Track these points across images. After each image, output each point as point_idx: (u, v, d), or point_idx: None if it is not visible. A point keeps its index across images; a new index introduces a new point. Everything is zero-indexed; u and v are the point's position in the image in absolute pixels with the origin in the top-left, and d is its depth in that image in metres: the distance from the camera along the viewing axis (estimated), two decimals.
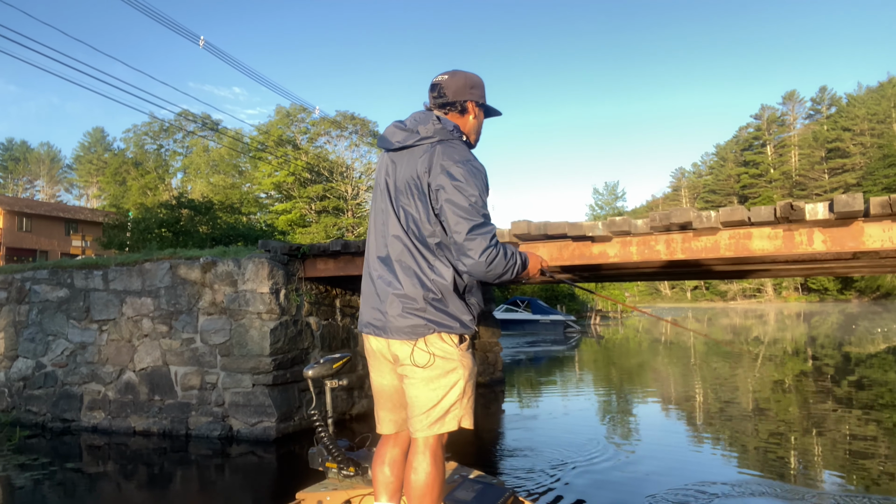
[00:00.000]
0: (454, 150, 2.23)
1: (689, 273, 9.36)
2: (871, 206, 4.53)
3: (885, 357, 16.10)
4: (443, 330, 2.23)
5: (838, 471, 6.05)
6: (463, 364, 2.27)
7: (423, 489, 2.23)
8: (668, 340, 24.21)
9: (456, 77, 2.38)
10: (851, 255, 5.42)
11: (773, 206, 4.90)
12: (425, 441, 2.26)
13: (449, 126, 2.29)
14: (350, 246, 7.01)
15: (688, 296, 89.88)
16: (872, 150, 78.52)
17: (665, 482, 5.44)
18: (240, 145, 42.08)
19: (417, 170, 2.23)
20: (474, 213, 2.14)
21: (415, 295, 2.23)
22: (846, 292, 73.47)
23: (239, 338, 7.38)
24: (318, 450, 3.27)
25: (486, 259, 2.12)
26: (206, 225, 15.37)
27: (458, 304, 2.26)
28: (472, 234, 2.12)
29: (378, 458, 2.48)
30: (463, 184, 2.15)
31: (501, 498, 2.96)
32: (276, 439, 7.15)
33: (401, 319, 2.24)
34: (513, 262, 2.21)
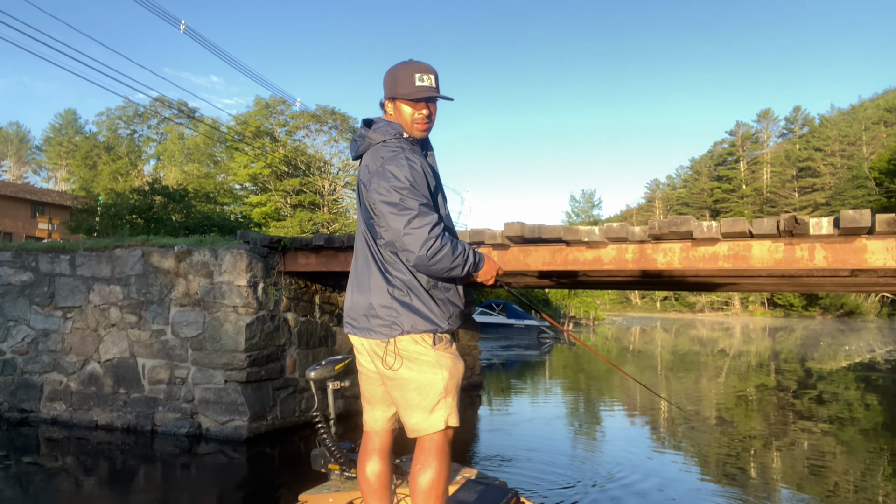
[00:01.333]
0: (385, 150, 2.25)
1: (660, 283, 9.31)
2: (877, 222, 4.43)
3: (846, 374, 16.27)
4: (412, 331, 2.23)
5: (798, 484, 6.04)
6: (441, 363, 2.26)
7: (428, 488, 2.23)
8: (635, 349, 24.42)
9: (385, 75, 2.37)
10: (849, 273, 5.34)
11: (776, 218, 4.79)
12: (431, 440, 2.26)
13: (380, 126, 2.33)
14: (334, 240, 6.75)
15: (657, 306, 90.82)
16: (842, 171, 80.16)
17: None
18: (216, 134, 41.34)
19: (360, 176, 2.33)
20: (406, 206, 2.12)
21: (382, 293, 2.26)
22: (811, 309, 74.80)
23: (212, 332, 7.07)
24: (320, 451, 3.27)
25: (428, 252, 2.09)
26: (180, 213, 14.93)
27: (425, 300, 2.26)
28: (408, 227, 2.10)
29: (361, 462, 2.49)
30: (391, 180, 2.14)
31: (504, 499, 2.93)
32: (247, 439, 6.85)
33: (373, 320, 2.28)
34: (462, 258, 2.18)
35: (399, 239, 2.13)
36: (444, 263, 2.15)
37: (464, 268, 2.22)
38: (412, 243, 2.10)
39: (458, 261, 2.18)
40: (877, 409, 10.80)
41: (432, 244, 2.10)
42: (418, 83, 2.28)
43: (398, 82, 2.31)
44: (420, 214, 2.12)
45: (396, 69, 2.33)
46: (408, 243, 2.11)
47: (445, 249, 2.14)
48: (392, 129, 2.32)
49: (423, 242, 2.09)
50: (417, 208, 2.13)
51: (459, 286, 2.40)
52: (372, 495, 2.47)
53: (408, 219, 2.11)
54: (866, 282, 6.51)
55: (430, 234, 2.10)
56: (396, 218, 2.13)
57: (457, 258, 2.18)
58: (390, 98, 2.35)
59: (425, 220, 2.12)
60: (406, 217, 2.11)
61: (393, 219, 2.14)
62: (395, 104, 2.34)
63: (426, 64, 2.33)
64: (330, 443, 3.23)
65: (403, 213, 2.12)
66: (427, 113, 2.33)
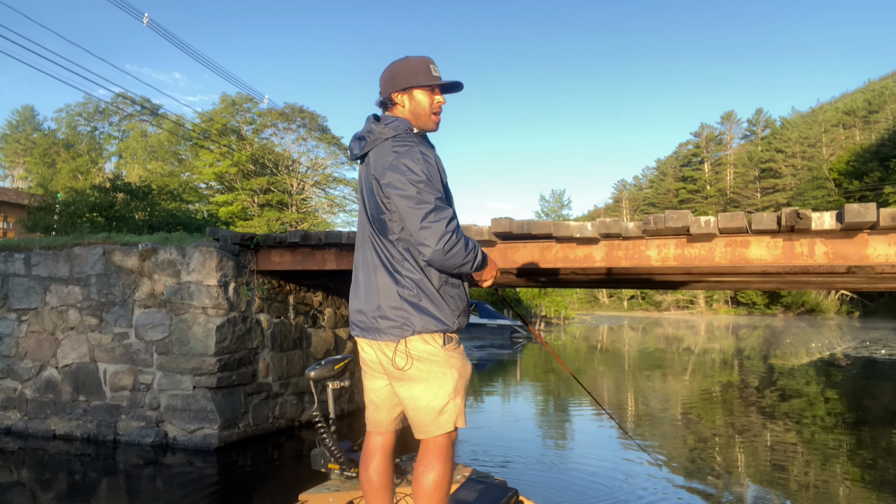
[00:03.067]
0: (398, 144, 2.22)
1: (647, 282, 9.22)
2: (881, 217, 4.28)
3: (808, 370, 16.46)
4: (422, 331, 2.22)
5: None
6: (450, 364, 2.26)
7: (432, 489, 2.23)
8: (603, 348, 24.55)
9: (383, 73, 2.36)
10: (846, 270, 5.20)
11: (777, 213, 4.62)
12: (435, 441, 2.26)
13: (389, 121, 2.30)
14: (310, 238, 6.41)
15: (624, 305, 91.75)
16: (803, 172, 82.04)
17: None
18: (181, 131, 40.34)
19: (373, 172, 2.26)
20: (423, 200, 2.11)
21: (391, 294, 2.24)
22: (773, 307, 76.30)
23: (180, 334, 6.66)
24: (320, 451, 3.28)
25: (444, 246, 2.09)
26: (143, 211, 14.33)
27: (436, 299, 2.25)
28: (425, 221, 2.09)
29: (364, 462, 2.47)
30: (407, 174, 2.13)
31: (504, 498, 2.94)
32: (217, 448, 6.46)
33: (381, 320, 2.26)
34: (473, 255, 2.19)
35: (416, 233, 2.12)
36: (457, 259, 2.14)
37: (473, 264, 2.21)
38: (429, 237, 2.09)
39: (469, 256, 2.18)
40: (837, 404, 10.86)
41: (448, 238, 2.09)
42: (434, 73, 2.32)
43: (415, 72, 2.31)
44: (436, 209, 2.11)
45: (409, 61, 2.33)
46: (424, 237, 2.09)
47: (460, 244, 2.13)
48: (402, 124, 2.30)
49: (441, 236, 2.08)
50: (434, 202, 2.12)
51: (465, 284, 2.39)
52: (374, 495, 2.45)
53: (425, 212, 2.10)
54: (850, 281, 6.42)
55: (446, 229, 2.10)
56: (413, 212, 2.11)
57: (469, 254, 2.17)
58: (404, 89, 2.32)
59: (441, 214, 2.11)
60: (423, 211, 2.10)
61: (410, 212, 2.12)
62: (411, 95, 2.32)
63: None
64: (330, 442, 3.23)
65: (420, 206, 2.10)
66: (443, 102, 2.36)
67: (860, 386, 13.07)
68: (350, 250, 6.45)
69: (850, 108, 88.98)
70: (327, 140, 41.47)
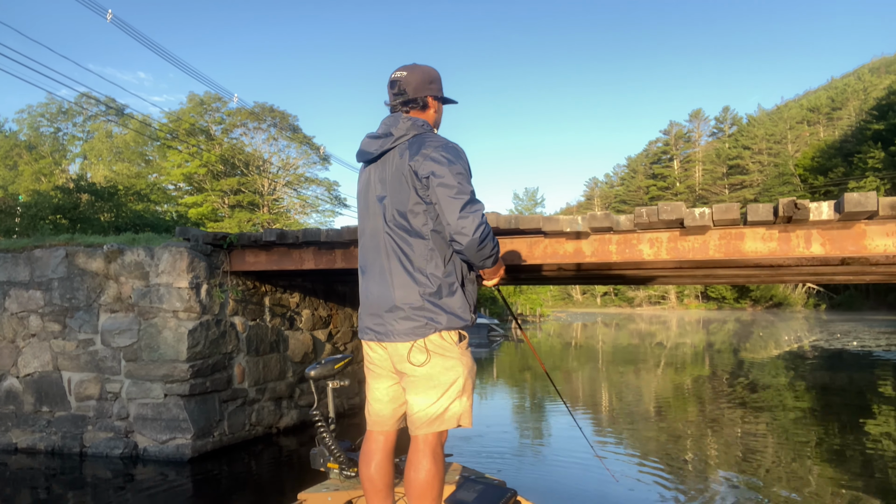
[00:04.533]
0: (433, 139, 2.29)
1: (633, 278, 9.14)
2: (881, 206, 4.16)
3: (777, 362, 16.61)
4: (442, 328, 2.24)
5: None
6: (462, 362, 2.29)
7: (423, 487, 2.23)
8: (577, 344, 24.64)
9: (414, 73, 2.41)
10: (840, 261, 5.10)
11: (773, 203, 4.48)
12: (425, 439, 2.26)
13: (419, 122, 2.35)
14: (287, 236, 6.13)
15: (598, 301, 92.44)
16: (769, 168, 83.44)
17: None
18: (148, 131, 39.42)
19: (404, 164, 2.26)
20: (464, 191, 2.16)
21: (411, 294, 2.25)
22: (742, 301, 77.47)
23: (149, 340, 6.33)
24: (319, 450, 3.28)
25: (480, 235, 2.14)
26: (109, 213, 13.82)
27: (456, 295, 2.28)
28: (464, 211, 2.13)
29: (364, 461, 2.46)
30: (449, 165, 2.18)
31: (503, 498, 2.93)
32: (191, 459, 6.15)
33: (403, 322, 2.25)
34: (497, 249, 2.26)
35: (454, 222, 2.14)
36: (487, 250, 2.20)
37: (495, 258, 2.27)
38: (468, 226, 2.12)
39: (494, 249, 2.24)
40: (804, 396, 10.92)
41: (483, 228, 2.15)
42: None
43: (440, 85, 2.47)
44: (474, 200, 2.18)
45: (435, 72, 2.47)
46: (463, 226, 2.13)
47: (490, 236, 2.20)
48: (427, 123, 2.39)
49: (478, 226, 2.13)
50: (472, 193, 2.19)
51: (476, 280, 2.44)
52: (376, 495, 2.44)
53: (464, 202, 2.14)
54: (843, 272, 6.34)
55: (482, 219, 2.16)
56: (454, 201, 2.15)
57: (495, 246, 2.25)
58: (438, 98, 2.45)
59: (477, 205, 2.18)
60: (463, 200, 2.14)
61: (450, 202, 2.15)
62: (439, 105, 2.48)
63: None
64: (329, 441, 3.23)
65: (461, 196, 2.15)
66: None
67: (840, 377, 13.16)
68: (329, 249, 6.19)
69: (814, 105, 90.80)
70: (299, 140, 40.95)
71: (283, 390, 7.52)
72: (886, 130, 51.45)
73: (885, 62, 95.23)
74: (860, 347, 19.69)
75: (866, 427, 8.07)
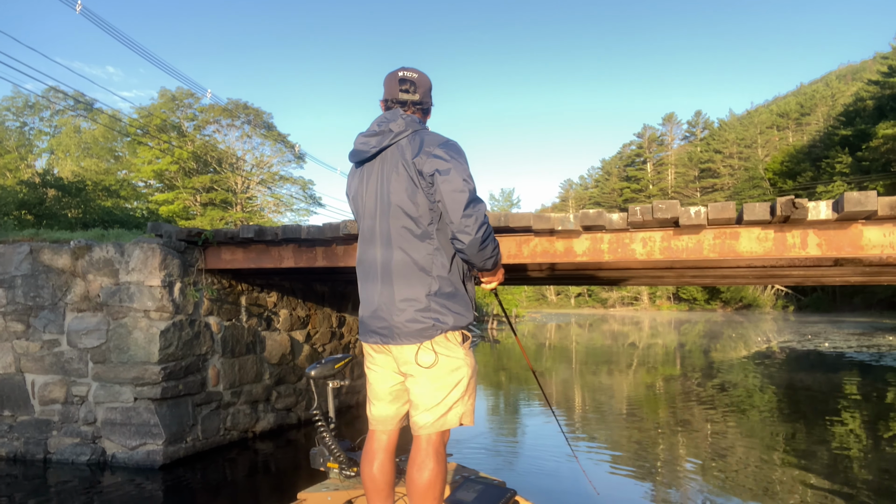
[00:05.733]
0: (433, 136, 2.26)
1: (581, 278, 9.13)
2: (880, 206, 4.08)
3: (747, 362, 16.75)
4: (448, 329, 2.22)
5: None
6: (466, 362, 2.28)
7: (426, 486, 2.22)
8: (551, 345, 24.71)
9: (423, 78, 2.40)
10: (833, 262, 5.03)
11: (769, 202, 4.38)
12: (428, 439, 2.26)
13: (416, 119, 2.34)
14: (265, 233, 5.88)
15: (571, 302, 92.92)
16: (740, 172, 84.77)
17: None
18: (118, 126, 38.53)
19: (405, 161, 2.23)
20: (468, 188, 2.14)
21: (416, 295, 2.22)
22: (712, 302, 78.47)
23: (119, 341, 6.03)
24: (319, 450, 3.29)
25: (482, 235, 2.13)
26: (77, 209, 13.36)
27: (459, 294, 2.27)
28: (468, 209, 2.11)
29: (366, 460, 2.44)
30: (454, 162, 2.16)
31: (503, 498, 2.93)
32: (162, 466, 5.87)
33: (409, 324, 2.22)
34: (497, 251, 2.25)
35: (457, 221, 2.12)
36: (489, 250, 2.19)
37: (496, 258, 2.26)
38: (471, 225, 2.11)
39: (496, 251, 2.24)
40: (785, 397, 11.00)
41: (486, 228, 2.15)
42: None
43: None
44: (477, 200, 2.16)
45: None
46: (466, 225, 2.11)
47: (491, 237, 2.19)
48: (423, 122, 2.39)
49: (480, 225, 2.12)
50: (475, 192, 2.17)
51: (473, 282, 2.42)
52: (377, 494, 2.42)
53: (468, 200, 2.12)
54: (836, 273, 6.30)
55: (485, 219, 2.15)
56: (458, 199, 2.12)
57: (496, 248, 2.24)
58: (429, 106, 2.47)
59: (480, 205, 2.16)
60: (467, 199, 2.12)
61: (455, 200, 2.12)
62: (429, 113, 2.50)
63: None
64: (329, 441, 3.25)
65: (465, 194, 2.13)
66: None
67: (819, 379, 13.26)
68: (310, 246, 5.96)
69: (783, 110, 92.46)
70: (273, 137, 40.40)
71: (259, 393, 7.25)
72: (853, 136, 52.40)
73: (851, 69, 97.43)
74: (832, 349, 19.94)
75: (838, 426, 8.09)
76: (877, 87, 52.66)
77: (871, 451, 6.80)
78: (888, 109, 47.28)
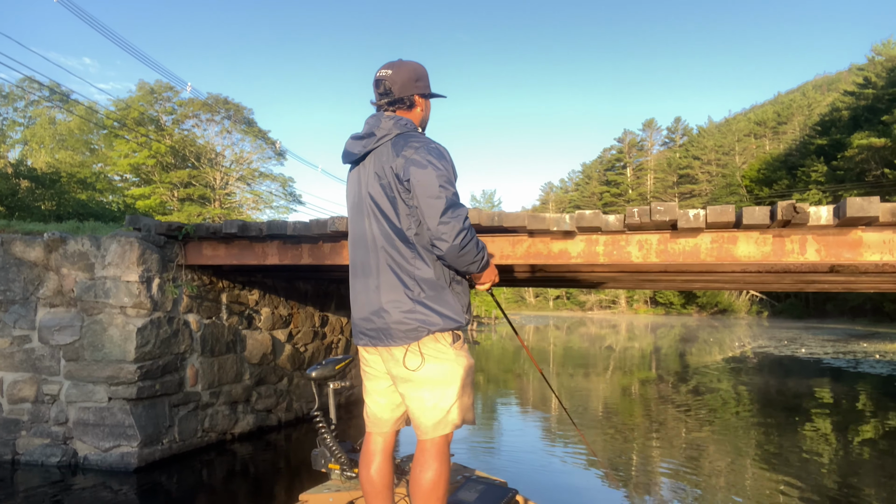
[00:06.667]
0: (415, 139, 2.23)
1: (556, 280, 9.10)
2: (881, 212, 4.02)
3: (723, 365, 16.87)
4: (435, 329, 2.21)
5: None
6: (458, 363, 2.26)
7: (430, 488, 2.21)
8: (530, 347, 24.80)
9: (400, 71, 2.33)
10: (829, 269, 4.98)
11: (768, 205, 4.31)
12: (432, 442, 2.25)
13: (402, 120, 2.30)
14: (249, 228, 5.69)
15: (550, 304, 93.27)
16: (717, 179, 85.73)
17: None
18: (95, 118, 37.78)
19: (385, 167, 2.22)
20: (445, 194, 2.11)
21: (401, 297, 2.21)
22: (688, 307, 79.23)
23: (93, 338, 5.80)
24: (320, 451, 3.29)
25: (461, 242, 2.10)
26: (51, 201, 12.98)
27: (446, 296, 2.24)
28: (444, 216, 2.09)
29: (364, 463, 2.44)
30: (430, 167, 2.13)
31: (505, 498, 2.93)
32: (137, 469, 5.65)
33: (395, 326, 2.22)
34: (482, 255, 2.22)
35: (434, 227, 2.10)
36: (469, 256, 2.15)
37: (480, 264, 2.22)
38: (448, 232, 2.09)
39: (479, 256, 2.19)
40: (746, 399, 11.05)
41: (465, 235, 2.11)
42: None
43: (427, 82, 2.38)
44: (455, 205, 2.12)
45: (421, 68, 2.37)
46: (443, 232, 2.09)
47: (473, 241, 2.15)
48: (411, 123, 2.32)
49: (458, 232, 2.09)
50: (453, 198, 2.13)
51: (468, 280, 2.38)
52: (375, 496, 2.42)
53: (445, 207, 2.09)
54: (831, 280, 6.27)
55: (463, 225, 2.11)
56: (434, 205, 2.10)
57: (479, 252, 2.20)
58: (424, 95, 2.37)
59: (459, 210, 2.12)
60: (444, 205, 2.09)
61: (430, 206, 2.10)
62: (427, 102, 2.40)
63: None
64: (330, 442, 3.25)
65: (441, 201, 2.10)
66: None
67: (802, 385, 13.34)
68: (296, 243, 5.78)
69: (760, 119, 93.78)
70: (254, 133, 39.92)
71: (239, 394, 7.04)
72: (829, 146, 53.23)
73: (827, 80, 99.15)
74: (809, 354, 20.15)
75: (809, 431, 8.10)
76: (852, 97, 53.58)
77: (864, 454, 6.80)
78: (863, 120, 48.10)
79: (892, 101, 42.68)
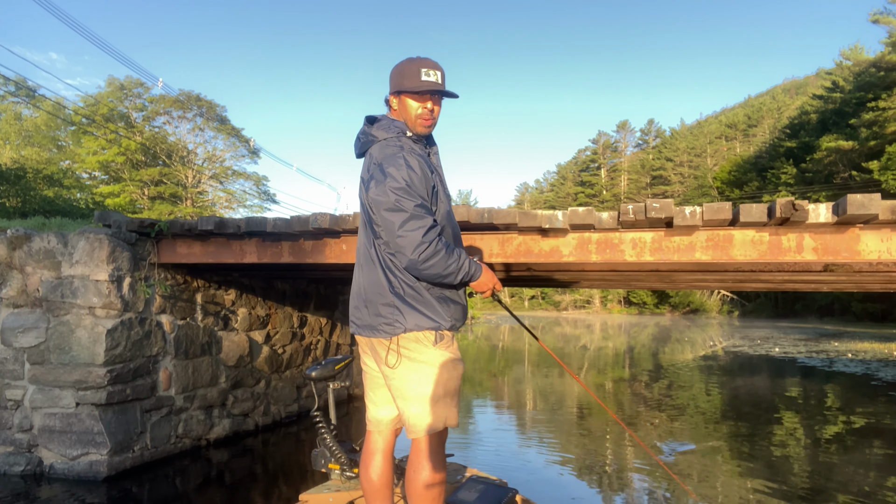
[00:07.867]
0: (386, 147, 2.21)
1: (533, 280, 9.03)
2: (881, 209, 3.94)
3: (695, 364, 16.98)
4: (414, 328, 2.20)
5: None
6: (440, 363, 2.23)
7: (423, 488, 2.20)
8: (505, 346, 24.80)
9: (390, 74, 2.33)
10: (823, 268, 4.90)
11: (768, 203, 4.21)
12: (424, 441, 2.24)
13: (382, 124, 2.29)
14: (227, 225, 5.44)
15: (525, 304, 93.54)
16: (690, 180, 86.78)
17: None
18: (62, 114, 36.81)
19: (365, 173, 2.27)
20: (401, 208, 2.07)
21: (384, 291, 2.23)
22: (661, 307, 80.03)
23: (60, 340, 5.50)
24: (320, 451, 3.29)
25: (420, 256, 2.05)
26: (16, 197, 12.51)
27: (427, 298, 2.21)
28: (401, 230, 2.06)
29: (364, 463, 2.44)
30: (389, 180, 2.09)
31: (504, 498, 2.93)
32: (106, 477, 5.37)
33: (374, 318, 2.25)
34: (456, 265, 2.13)
35: (393, 240, 2.09)
36: (436, 269, 2.10)
37: (457, 276, 2.16)
38: (405, 246, 2.06)
39: (451, 268, 2.13)
40: (717, 397, 11.11)
41: (425, 248, 2.05)
42: (424, 77, 2.25)
43: (404, 76, 2.27)
44: (414, 217, 2.07)
45: (403, 64, 2.30)
46: (401, 245, 2.07)
47: (439, 255, 2.09)
48: (395, 126, 2.28)
49: (416, 246, 2.05)
50: (412, 210, 2.07)
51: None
52: (375, 495, 2.42)
53: (402, 220, 2.06)
54: (824, 280, 6.22)
55: (423, 238, 2.05)
56: (391, 219, 2.08)
57: (450, 265, 2.12)
58: (395, 93, 2.31)
59: (419, 223, 2.07)
60: (400, 219, 2.06)
61: (387, 220, 2.09)
62: (401, 99, 2.31)
63: (433, 60, 2.28)
64: (330, 442, 3.27)
65: (397, 214, 2.07)
66: (430, 108, 2.29)
67: (779, 384, 13.41)
68: (275, 241, 5.55)
69: (731, 121, 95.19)
70: (226, 131, 39.29)
71: (214, 398, 6.77)
72: (798, 148, 54.11)
73: (796, 84, 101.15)
74: (783, 354, 20.35)
75: (780, 430, 8.10)
76: (820, 101, 54.59)
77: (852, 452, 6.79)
78: (831, 123, 49.02)
79: (860, 104, 43.48)
